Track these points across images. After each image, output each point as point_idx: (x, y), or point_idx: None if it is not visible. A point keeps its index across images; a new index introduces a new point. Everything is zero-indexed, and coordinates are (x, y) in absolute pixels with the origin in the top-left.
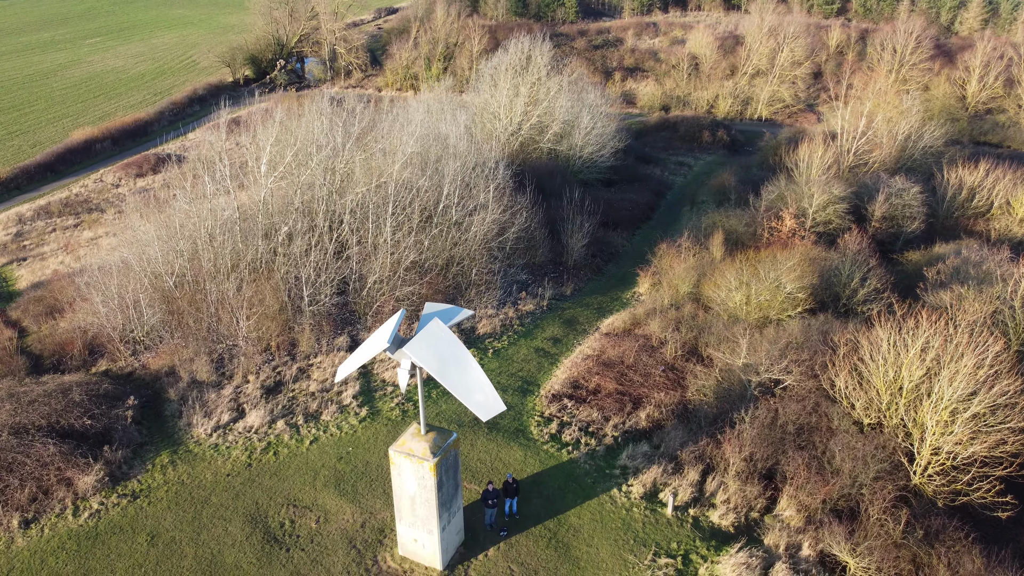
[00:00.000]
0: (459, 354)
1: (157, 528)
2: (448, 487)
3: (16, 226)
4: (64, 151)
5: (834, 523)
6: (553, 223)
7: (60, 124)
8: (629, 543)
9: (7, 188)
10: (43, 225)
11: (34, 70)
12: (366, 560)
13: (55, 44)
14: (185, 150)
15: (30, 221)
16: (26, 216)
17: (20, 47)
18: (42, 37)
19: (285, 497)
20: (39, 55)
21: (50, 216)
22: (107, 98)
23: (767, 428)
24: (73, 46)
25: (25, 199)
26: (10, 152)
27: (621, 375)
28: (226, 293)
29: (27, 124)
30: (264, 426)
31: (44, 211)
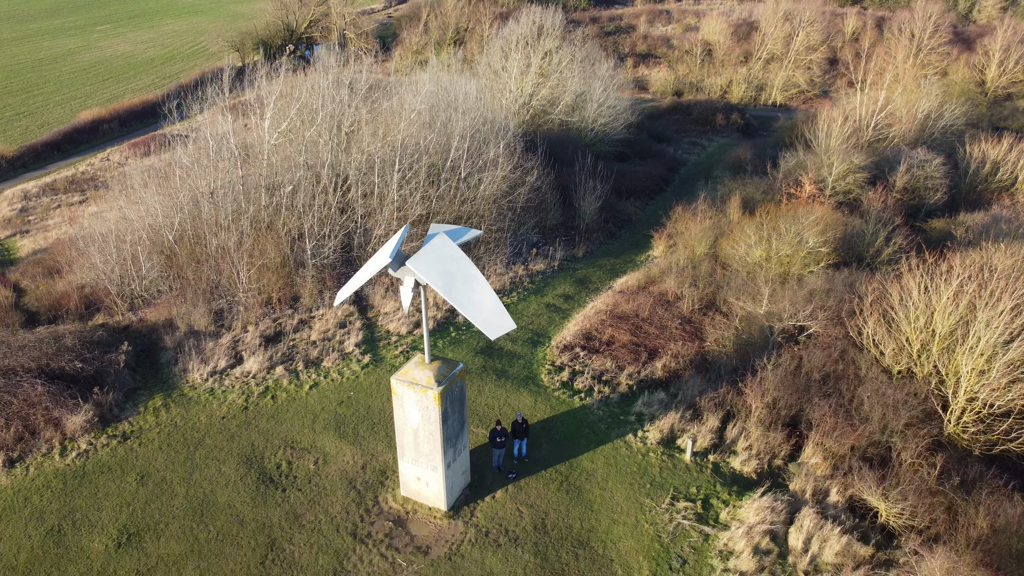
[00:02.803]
0: (466, 270)
1: (148, 468)
2: (453, 421)
3: (21, 202)
4: (71, 131)
5: (864, 468)
6: (565, 189)
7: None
8: (645, 487)
9: (13, 166)
10: (48, 201)
11: (43, 55)
12: (366, 501)
13: (65, 31)
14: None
15: (35, 197)
16: (31, 193)
17: (30, 33)
18: (52, 24)
19: (282, 439)
20: (49, 40)
21: (55, 193)
22: (115, 82)
23: (791, 375)
24: (83, 32)
25: (31, 177)
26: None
27: (636, 327)
28: (226, 245)
29: (35, 106)
30: (262, 371)
31: (49, 188)
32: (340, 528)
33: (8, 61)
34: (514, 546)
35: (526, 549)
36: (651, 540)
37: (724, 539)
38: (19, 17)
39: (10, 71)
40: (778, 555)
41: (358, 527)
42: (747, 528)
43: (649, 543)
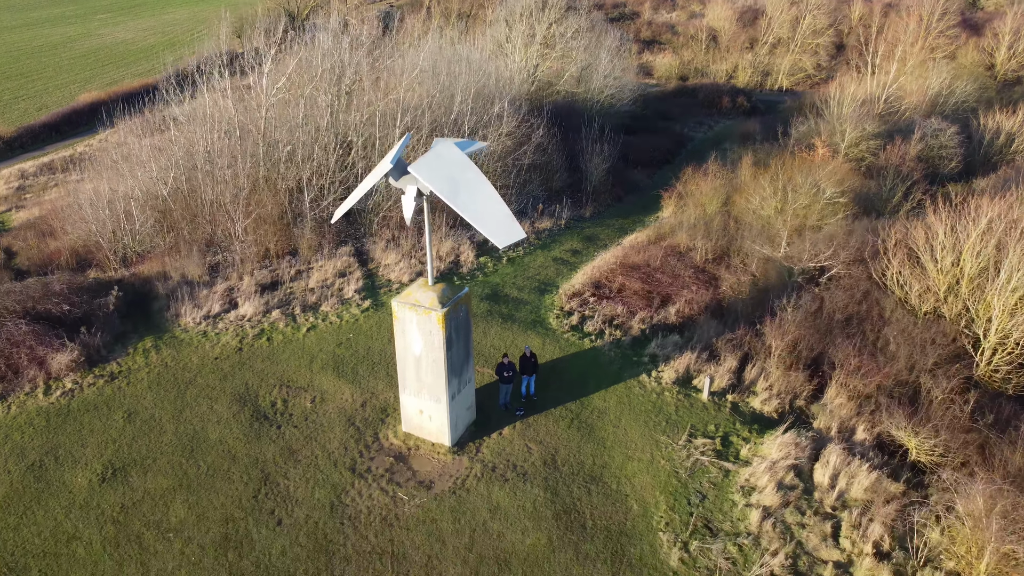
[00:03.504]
0: (472, 177)
1: (135, 407)
2: (458, 349)
3: (18, 180)
4: (70, 113)
5: (893, 404)
6: (572, 152)
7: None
8: (661, 425)
9: (11, 147)
10: (45, 180)
11: (43, 42)
12: (366, 437)
13: (65, 19)
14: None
15: (32, 176)
16: (28, 172)
17: (30, 21)
18: (52, 13)
19: (278, 379)
20: (48, 28)
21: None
22: (115, 67)
23: (812, 317)
24: (83, 21)
25: (29, 157)
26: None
27: (647, 276)
28: (222, 198)
29: (33, 90)
30: (257, 315)
31: (47, 167)
32: (338, 463)
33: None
34: (523, 481)
35: (535, 484)
36: (668, 476)
37: (745, 475)
38: (19, 7)
39: (10, 57)
40: (803, 491)
41: (357, 462)
42: (770, 464)
43: (666, 479)
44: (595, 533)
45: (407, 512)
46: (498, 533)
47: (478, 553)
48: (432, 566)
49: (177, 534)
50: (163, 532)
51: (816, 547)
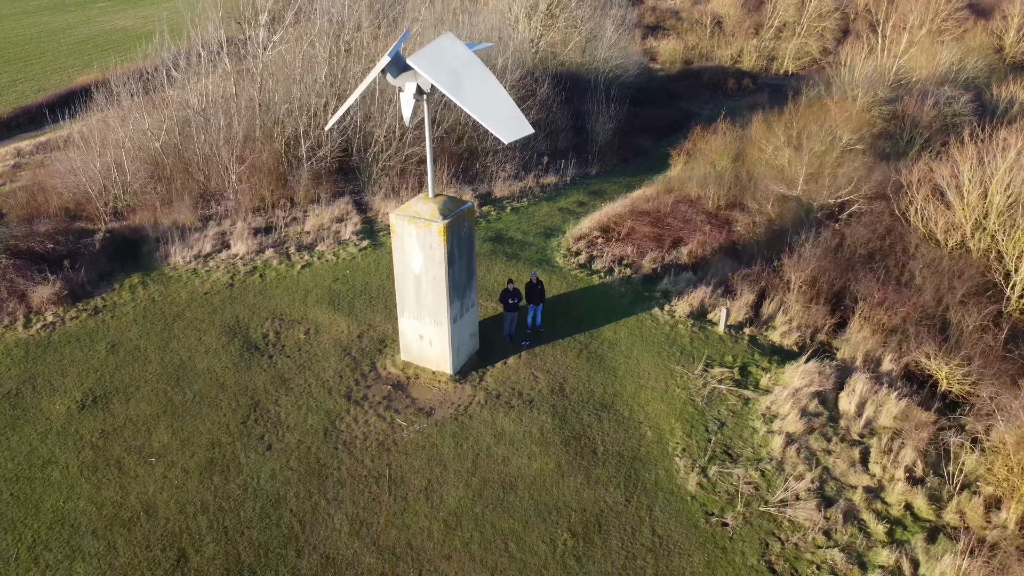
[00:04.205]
0: (476, 70)
1: (120, 339)
2: (460, 268)
3: (14, 159)
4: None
5: (923, 332)
6: (577, 114)
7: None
8: (675, 355)
9: (8, 127)
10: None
11: (42, 28)
12: (362, 367)
13: (64, 6)
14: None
15: (29, 155)
16: (25, 151)
17: (29, 9)
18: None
19: (270, 312)
20: (48, 16)
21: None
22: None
23: (833, 251)
24: (82, 9)
25: (26, 137)
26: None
27: (657, 221)
28: (217, 147)
29: (32, 73)
30: (251, 254)
31: (44, 146)
32: (332, 391)
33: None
34: (529, 408)
35: (543, 411)
36: (683, 404)
37: (766, 402)
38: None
39: (8, 43)
40: (828, 418)
41: (352, 390)
42: (792, 391)
43: (681, 406)
44: (607, 458)
45: (405, 437)
46: (503, 458)
47: (481, 477)
48: (432, 489)
49: (160, 458)
50: (145, 457)
51: (844, 472)
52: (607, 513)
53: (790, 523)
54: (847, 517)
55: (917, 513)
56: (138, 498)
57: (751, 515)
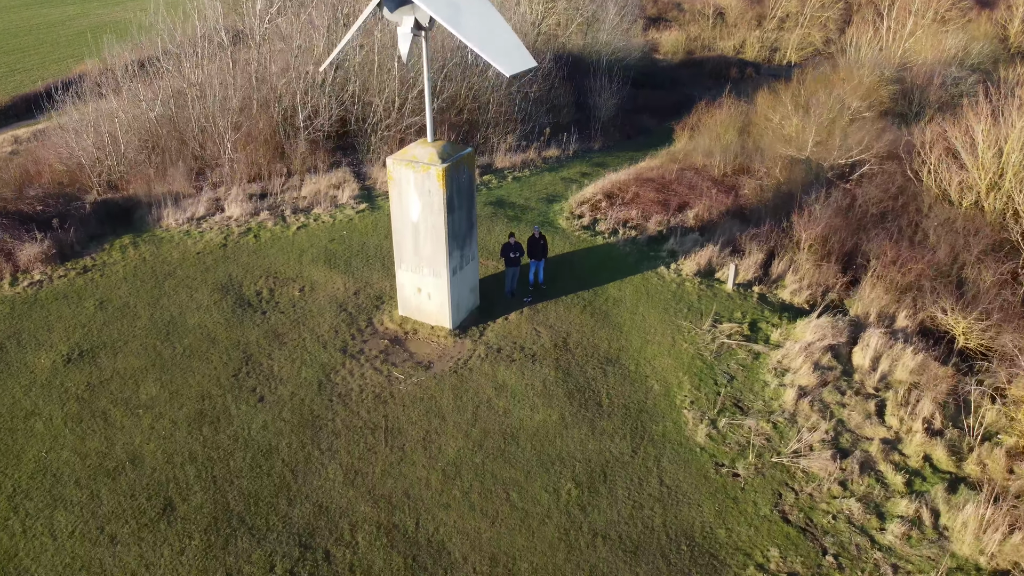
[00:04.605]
0: (477, 2)
1: (108, 296)
2: (460, 216)
3: (12, 145)
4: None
5: (939, 288)
6: (580, 92)
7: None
8: (683, 312)
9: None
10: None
11: (41, 20)
12: (358, 322)
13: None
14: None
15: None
16: (22, 138)
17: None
18: None
19: (264, 270)
20: (47, 8)
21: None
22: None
23: (844, 211)
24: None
25: (22, 125)
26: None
27: (663, 187)
28: (212, 117)
29: (30, 63)
30: (245, 216)
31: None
32: (327, 345)
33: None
34: (531, 362)
35: (545, 364)
36: (691, 358)
37: (777, 357)
38: None
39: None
40: (842, 372)
41: (348, 345)
42: (804, 345)
43: (689, 361)
44: (612, 411)
45: (403, 390)
46: (504, 410)
47: (482, 428)
48: (431, 440)
49: (147, 410)
50: (131, 408)
51: (859, 425)
52: (613, 464)
53: (804, 474)
54: (863, 468)
55: (936, 465)
56: (124, 448)
57: (763, 466)
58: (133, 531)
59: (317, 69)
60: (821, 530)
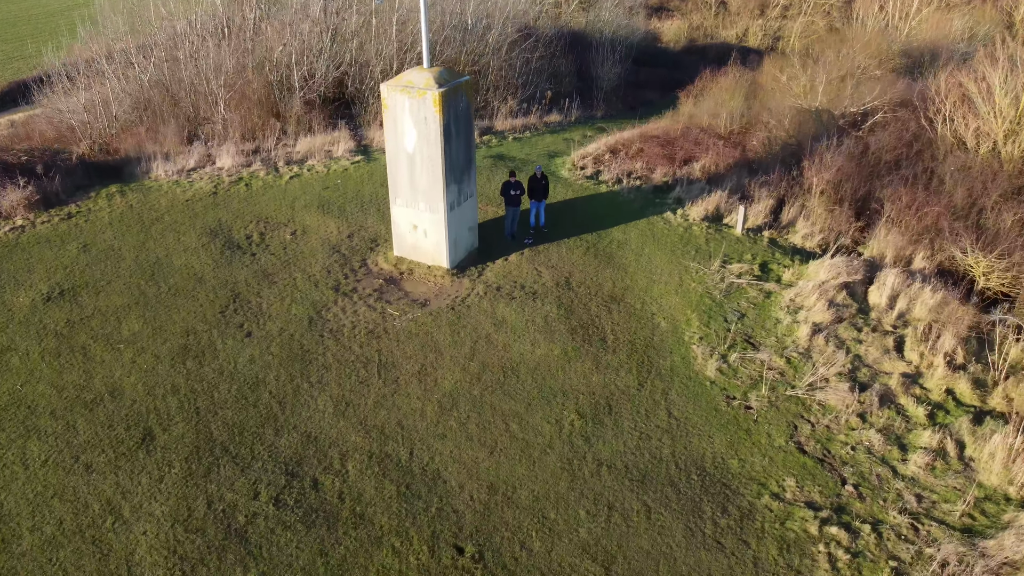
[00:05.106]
0: None
1: (92, 240)
2: (458, 147)
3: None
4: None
5: (959, 227)
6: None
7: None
8: (690, 253)
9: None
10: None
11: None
12: (352, 262)
13: None
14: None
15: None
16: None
17: None
18: None
19: (255, 216)
20: None
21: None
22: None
23: (857, 158)
24: None
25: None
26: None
27: (668, 143)
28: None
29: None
30: (237, 167)
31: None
32: (319, 284)
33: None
34: (532, 299)
35: (547, 302)
36: (700, 297)
37: (790, 295)
38: None
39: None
40: (858, 310)
41: (341, 284)
42: (818, 283)
43: (698, 299)
44: (617, 346)
45: (397, 326)
46: (503, 344)
47: (480, 362)
48: (426, 373)
49: (129, 345)
50: (112, 344)
51: (877, 360)
52: (618, 396)
53: (820, 406)
54: (883, 401)
55: (960, 399)
56: (103, 382)
57: (777, 399)
58: (110, 460)
59: (315, 25)
60: (839, 461)
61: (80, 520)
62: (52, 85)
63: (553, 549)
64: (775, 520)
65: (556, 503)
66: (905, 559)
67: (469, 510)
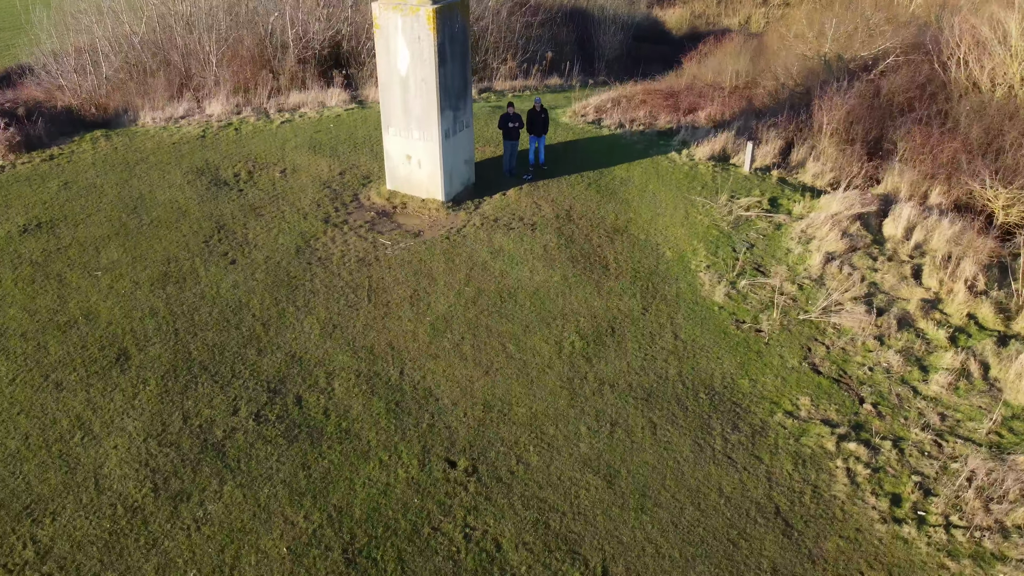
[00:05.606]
0: None
1: (74, 179)
2: (453, 70)
3: None
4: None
5: (977, 160)
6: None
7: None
8: (696, 189)
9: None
10: None
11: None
12: (343, 197)
13: None
14: None
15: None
16: None
17: None
18: None
19: (244, 156)
20: None
21: None
22: None
23: (869, 100)
24: None
25: None
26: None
27: (671, 95)
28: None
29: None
30: (227, 114)
31: None
32: (309, 216)
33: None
34: (531, 230)
35: (547, 232)
36: (707, 228)
37: (801, 226)
38: None
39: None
40: (873, 241)
41: (331, 216)
42: (831, 214)
43: (705, 231)
44: (620, 274)
45: (390, 255)
46: (500, 271)
47: (476, 287)
48: (419, 298)
49: (107, 272)
50: (90, 271)
51: (894, 287)
52: (621, 320)
53: (835, 329)
54: (902, 324)
55: (983, 323)
56: (78, 306)
57: (789, 323)
58: (81, 378)
59: None
60: (856, 381)
61: (47, 435)
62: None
63: (552, 463)
64: (789, 436)
65: (555, 419)
66: (929, 474)
67: (462, 426)
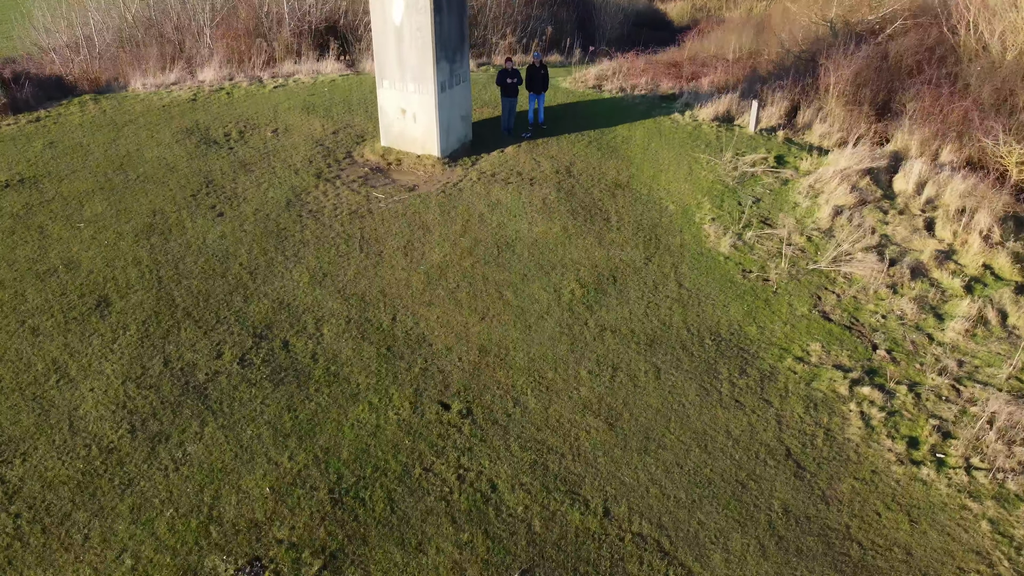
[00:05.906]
0: None
1: (60, 139)
2: (450, 20)
3: None
4: None
5: (989, 119)
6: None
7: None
8: (700, 147)
9: None
10: None
11: None
12: (336, 154)
13: None
14: None
15: None
16: None
17: None
18: None
19: (235, 118)
20: None
21: None
22: None
23: (877, 62)
24: None
25: None
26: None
27: (673, 65)
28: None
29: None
30: (219, 80)
31: None
32: (300, 172)
33: None
34: (529, 184)
35: (546, 187)
36: (711, 183)
37: (809, 181)
38: None
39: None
40: (883, 196)
41: (323, 171)
42: (839, 169)
43: (709, 185)
44: (622, 226)
45: (383, 207)
46: (498, 223)
47: (472, 238)
48: (412, 247)
49: (90, 224)
50: (72, 223)
51: (906, 239)
52: (623, 269)
53: (845, 278)
54: (915, 274)
55: (999, 274)
56: (58, 256)
57: (798, 272)
58: (59, 324)
59: None
60: (869, 328)
61: (20, 379)
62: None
63: (551, 406)
64: (800, 381)
65: (554, 364)
66: (947, 417)
67: (457, 370)
